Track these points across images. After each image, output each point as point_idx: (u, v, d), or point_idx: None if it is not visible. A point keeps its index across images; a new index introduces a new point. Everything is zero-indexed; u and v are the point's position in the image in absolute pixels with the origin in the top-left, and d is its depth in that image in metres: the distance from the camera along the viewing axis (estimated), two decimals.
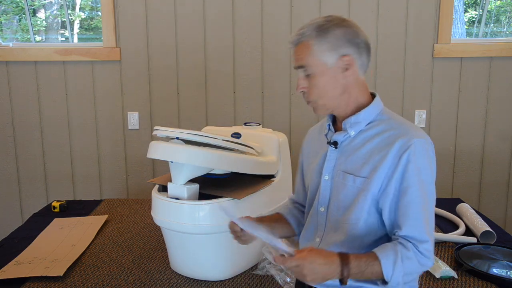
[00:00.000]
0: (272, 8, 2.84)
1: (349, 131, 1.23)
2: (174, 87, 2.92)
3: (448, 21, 2.83)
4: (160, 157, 1.58)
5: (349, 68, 1.16)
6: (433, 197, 1.16)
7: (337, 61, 1.16)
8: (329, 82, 1.18)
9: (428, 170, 1.14)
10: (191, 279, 1.67)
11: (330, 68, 1.16)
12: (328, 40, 1.14)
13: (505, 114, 2.96)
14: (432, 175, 1.15)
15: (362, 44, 1.17)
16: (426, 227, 1.12)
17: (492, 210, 3.03)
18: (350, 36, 1.15)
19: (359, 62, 1.18)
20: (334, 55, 1.15)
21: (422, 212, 1.12)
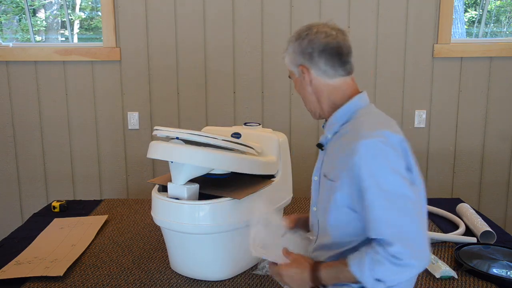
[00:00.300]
0: (272, 8, 2.84)
1: (326, 133, 1.28)
2: (174, 87, 2.93)
3: (448, 21, 2.83)
4: (160, 157, 1.59)
5: (305, 77, 1.24)
6: (398, 195, 1.08)
7: (299, 72, 1.26)
8: (301, 89, 1.30)
9: (385, 169, 1.08)
10: (191, 279, 1.67)
11: (298, 78, 1.28)
12: (289, 53, 1.28)
13: (505, 114, 2.96)
14: (392, 173, 1.08)
15: (316, 52, 1.21)
16: (389, 229, 1.07)
17: (492, 210, 3.03)
18: (302, 47, 1.23)
19: (315, 68, 1.23)
20: (295, 67, 1.27)
21: (384, 214, 1.08)
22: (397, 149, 1.11)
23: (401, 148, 1.13)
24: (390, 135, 1.11)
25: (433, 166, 3.00)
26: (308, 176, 3.24)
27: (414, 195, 1.09)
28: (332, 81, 1.24)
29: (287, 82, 2.92)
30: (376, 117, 1.22)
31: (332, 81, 1.24)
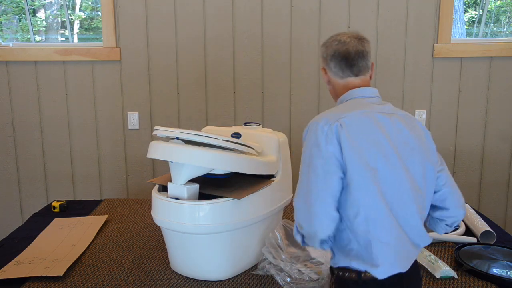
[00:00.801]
0: (272, 8, 2.84)
1: None
2: (174, 87, 2.93)
3: (448, 21, 2.83)
4: (160, 157, 1.59)
5: (325, 77, 1.49)
6: (303, 172, 1.29)
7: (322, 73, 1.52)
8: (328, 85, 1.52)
9: (307, 148, 1.29)
10: (191, 279, 1.67)
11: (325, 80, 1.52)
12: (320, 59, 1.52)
13: (505, 114, 2.96)
14: (308, 153, 1.28)
15: (329, 56, 1.44)
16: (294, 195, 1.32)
17: (492, 210, 3.03)
18: (322, 53, 1.48)
19: (330, 70, 1.45)
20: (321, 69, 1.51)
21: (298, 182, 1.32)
22: (322, 131, 1.27)
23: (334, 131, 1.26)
24: (326, 119, 1.29)
25: None
26: None
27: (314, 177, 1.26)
28: (342, 81, 1.44)
29: (287, 82, 2.92)
30: (344, 107, 1.38)
31: (343, 81, 1.44)
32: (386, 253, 1.23)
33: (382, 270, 1.23)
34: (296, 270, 1.64)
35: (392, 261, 1.24)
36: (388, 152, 1.26)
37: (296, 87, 2.93)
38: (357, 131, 1.26)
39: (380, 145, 1.26)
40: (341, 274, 1.29)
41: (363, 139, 1.25)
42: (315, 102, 2.93)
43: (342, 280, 1.30)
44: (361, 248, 1.24)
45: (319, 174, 1.24)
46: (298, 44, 2.88)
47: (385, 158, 1.25)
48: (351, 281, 1.28)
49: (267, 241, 1.75)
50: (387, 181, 1.24)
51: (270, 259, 1.68)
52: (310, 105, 2.93)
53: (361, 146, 1.24)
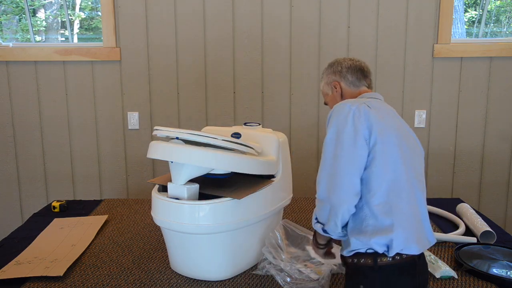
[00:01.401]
0: (272, 8, 2.84)
1: None
2: (174, 87, 2.93)
3: (448, 21, 2.83)
4: (160, 157, 1.58)
5: (337, 88, 1.59)
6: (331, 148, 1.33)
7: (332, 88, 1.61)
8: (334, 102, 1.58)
9: (333, 125, 1.35)
10: (191, 279, 1.67)
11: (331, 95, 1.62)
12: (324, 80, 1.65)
13: (505, 114, 2.96)
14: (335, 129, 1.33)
15: (344, 69, 1.58)
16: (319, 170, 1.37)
17: (492, 210, 3.03)
18: (332, 70, 1.61)
19: (345, 81, 1.57)
20: (329, 86, 1.62)
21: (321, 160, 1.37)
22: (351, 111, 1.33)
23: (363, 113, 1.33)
24: (355, 103, 1.36)
25: (433, 166, 3.00)
26: (308, 176, 3.25)
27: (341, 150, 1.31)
28: (357, 90, 1.56)
29: (287, 82, 2.92)
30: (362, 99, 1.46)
31: (358, 90, 1.56)
32: (404, 222, 1.30)
33: (401, 237, 1.28)
34: (296, 270, 1.64)
35: (408, 235, 1.30)
36: (407, 135, 1.40)
37: (296, 87, 2.93)
38: (382, 113, 1.37)
39: (401, 128, 1.39)
40: (356, 261, 1.33)
41: (388, 119, 1.37)
42: (315, 102, 2.93)
43: (357, 267, 1.33)
44: (379, 223, 1.29)
45: (345, 147, 1.30)
46: (298, 44, 2.88)
47: (405, 140, 1.38)
48: (366, 267, 1.31)
49: (267, 241, 1.75)
50: (407, 166, 1.34)
51: (270, 259, 1.68)
52: (310, 105, 2.93)
53: (387, 124, 1.34)
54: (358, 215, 1.32)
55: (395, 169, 1.31)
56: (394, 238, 1.28)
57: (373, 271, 1.30)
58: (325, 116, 2.93)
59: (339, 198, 1.30)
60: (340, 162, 1.30)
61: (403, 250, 1.29)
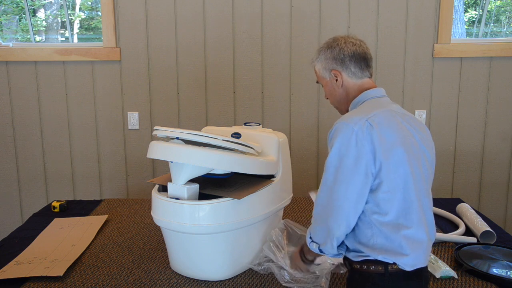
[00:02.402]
0: (272, 8, 2.84)
1: None
2: (174, 87, 2.93)
3: (448, 21, 2.83)
4: (160, 157, 1.58)
5: (338, 79, 1.47)
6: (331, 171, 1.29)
7: (330, 75, 1.49)
8: (332, 91, 1.50)
9: (335, 147, 1.28)
10: (191, 279, 1.67)
11: (328, 81, 1.50)
12: (321, 60, 1.50)
13: (505, 114, 2.96)
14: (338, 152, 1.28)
15: (347, 58, 1.45)
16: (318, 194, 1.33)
17: (492, 210, 3.03)
18: (334, 54, 1.46)
19: (347, 71, 1.46)
20: (328, 72, 1.49)
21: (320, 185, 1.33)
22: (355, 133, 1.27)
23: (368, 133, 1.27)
24: (359, 121, 1.28)
25: None
26: (308, 176, 3.25)
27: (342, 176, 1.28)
28: (359, 82, 1.47)
29: (287, 82, 2.92)
30: (366, 107, 1.38)
31: (359, 81, 1.47)
32: (414, 244, 1.28)
33: (410, 260, 1.28)
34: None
35: (419, 253, 1.29)
36: (413, 149, 1.33)
37: (296, 87, 2.92)
38: (387, 129, 1.30)
39: (407, 143, 1.32)
40: (365, 267, 1.30)
41: (393, 137, 1.30)
42: (315, 102, 2.93)
43: (366, 274, 1.31)
44: (388, 241, 1.27)
45: (347, 174, 1.26)
46: (298, 44, 2.88)
47: (412, 155, 1.31)
48: (376, 274, 1.29)
49: (268, 239, 1.75)
50: (416, 177, 1.31)
51: (271, 257, 1.68)
52: (310, 105, 2.93)
53: (392, 143, 1.28)
54: (365, 231, 1.30)
55: (405, 186, 1.28)
56: (406, 261, 1.28)
57: (384, 278, 1.29)
58: (325, 116, 2.93)
59: (337, 222, 1.29)
60: (340, 187, 1.27)
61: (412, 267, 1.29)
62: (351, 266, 1.36)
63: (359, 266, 1.32)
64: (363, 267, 1.31)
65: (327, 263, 1.66)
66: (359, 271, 1.33)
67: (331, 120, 2.92)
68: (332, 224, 1.29)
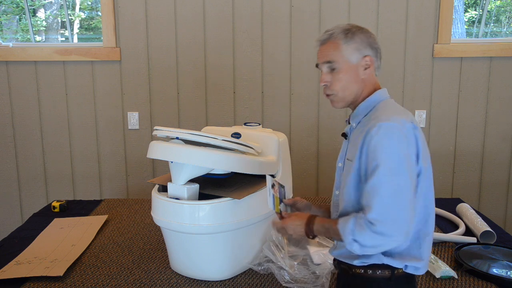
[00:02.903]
0: (272, 8, 2.84)
1: (351, 123, 1.39)
2: (174, 87, 2.93)
3: (448, 21, 2.83)
4: (160, 157, 1.59)
5: (369, 67, 1.35)
6: (395, 174, 1.20)
7: (360, 60, 1.34)
8: (351, 78, 1.34)
9: (395, 150, 1.21)
10: (191, 279, 1.67)
11: (353, 65, 1.34)
12: (355, 41, 1.33)
13: (505, 114, 2.96)
14: (397, 154, 1.20)
15: (379, 50, 1.38)
16: (377, 198, 1.18)
17: (492, 210, 3.03)
18: (371, 41, 1.36)
19: (376, 63, 1.37)
20: (358, 55, 1.33)
21: (379, 187, 1.20)
22: (408, 135, 1.23)
23: (413, 135, 1.24)
24: (405, 122, 1.23)
25: (433, 166, 2.98)
26: (308, 176, 3.25)
27: (410, 180, 1.21)
28: (376, 78, 1.39)
29: (287, 82, 2.92)
30: (394, 108, 1.33)
31: (376, 78, 1.39)
32: (429, 248, 1.31)
33: (425, 264, 1.30)
34: (296, 269, 1.65)
35: (428, 257, 1.32)
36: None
37: (296, 87, 2.92)
38: (420, 131, 1.29)
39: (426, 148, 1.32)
40: (371, 272, 1.28)
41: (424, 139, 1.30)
42: (315, 102, 2.93)
43: (372, 279, 1.29)
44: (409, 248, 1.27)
45: (405, 175, 1.20)
46: (298, 44, 2.88)
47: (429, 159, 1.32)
48: (382, 279, 1.28)
49: (268, 239, 1.75)
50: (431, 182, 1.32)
51: (271, 257, 1.68)
52: (310, 105, 2.93)
53: (425, 146, 1.30)
54: None
55: (427, 194, 1.29)
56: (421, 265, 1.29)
57: (389, 282, 1.28)
58: (325, 116, 2.93)
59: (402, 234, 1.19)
60: (404, 191, 1.19)
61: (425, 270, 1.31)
62: (351, 271, 1.31)
63: (363, 270, 1.29)
64: (368, 272, 1.29)
65: (327, 263, 1.66)
66: (361, 275, 1.30)
67: (331, 120, 2.92)
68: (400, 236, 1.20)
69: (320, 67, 1.38)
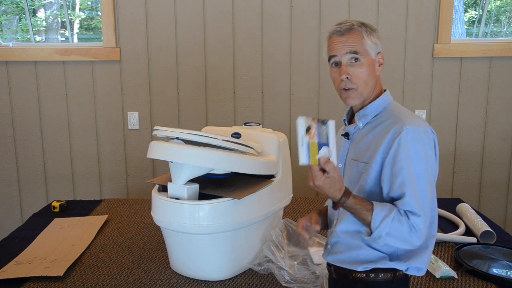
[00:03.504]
0: (272, 8, 2.84)
1: (358, 123, 1.37)
2: (174, 87, 2.93)
3: (448, 21, 2.83)
4: (160, 157, 1.59)
5: (382, 64, 1.34)
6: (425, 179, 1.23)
7: (376, 56, 1.32)
8: (371, 72, 1.31)
9: (419, 154, 1.22)
10: (191, 279, 1.67)
11: (373, 60, 1.32)
12: (374, 36, 1.32)
13: (505, 114, 2.96)
14: (424, 159, 1.23)
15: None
16: (416, 202, 1.20)
17: (492, 210, 3.03)
18: (380, 41, 1.34)
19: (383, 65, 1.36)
20: (375, 50, 1.32)
21: (412, 190, 1.21)
22: (430, 140, 1.26)
23: (433, 139, 1.28)
24: (426, 127, 1.26)
25: None
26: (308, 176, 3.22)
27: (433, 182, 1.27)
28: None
29: (287, 82, 2.92)
30: (409, 112, 1.34)
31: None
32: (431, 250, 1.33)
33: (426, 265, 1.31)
34: (296, 269, 1.65)
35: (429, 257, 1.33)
36: None
37: (296, 87, 2.92)
38: None
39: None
40: (373, 275, 1.28)
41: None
42: (315, 102, 2.93)
43: (374, 282, 1.28)
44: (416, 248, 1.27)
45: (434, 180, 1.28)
46: (298, 44, 2.88)
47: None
48: (384, 282, 1.28)
49: (268, 239, 1.75)
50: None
51: (271, 257, 1.68)
52: (310, 105, 2.93)
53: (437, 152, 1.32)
54: None
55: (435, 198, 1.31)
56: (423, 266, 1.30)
57: (391, 285, 1.28)
58: (325, 116, 2.92)
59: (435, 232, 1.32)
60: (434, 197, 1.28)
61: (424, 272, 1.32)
62: (352, 275, 1.30)
63: (365, 275, 1.28)
64: (370, 276, 1.28)
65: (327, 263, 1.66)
66: (363, 280, 1.29)
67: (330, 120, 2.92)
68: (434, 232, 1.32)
69: (340, 58, 1.30)
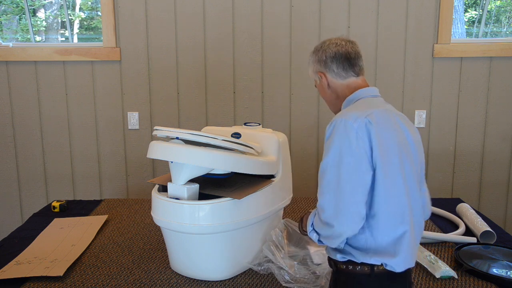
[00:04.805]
0: (272, 8, 2.84)
1: None
2: (174, 87, 2.93)
3: (448, 21, 2.83)
4: (160, 157, 1.59)
5: (323, 80, 1.48)
6: (332, 170, 1.27)
7: (318, 78, 1.50)
8: (322, 92, 1.53)
9: (335, 145, 1.28)
10: (191, 279, 1.67)
11: (319, 83, 1.52)
12: (310, 65, 1.54)
13: (505, 114, 2.96)
14: (337, 150, 1.27)
15: (328, 59, 1.46)
16: (319, 186, 1.30)
17: (492, 210, 3.03)
18: (317, 58, 1.49)
19: (330, 72, 1.46)
20: (315, 74, 1.52)
21: (319, 181, 1.31)
22: (355, 131, 1.26)
23: (366, 130, 1.27)
24: (357, 117, 1.28)
25: (433, 166, 3.00)
26: (308, 176, 3.25)
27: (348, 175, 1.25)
28: (345, 82, 1.46)
29: (287, 82, 2.92)
30: (361, 105, 1.38)
31: (345, 81, 1.46)
32: (405, 245, 1.27)
33: (400, 262, 1.27)
34: (296, 269, 1.65)
35: (407, 254, 1.28)
36: (407, 149, 1.33)
37: (296, 87, 2.93)
38: (384, 127, 1.30)
39: (402, 143, 1.32)
40: (351, 268, 1.30)
41: (389, 135, 1.30)
42: (315, 102, 2.93)
43: (353, 275, 1.30)
44: (379, 243, 1.27)
45: (350, 172, 1.24)
46: (298, 44, 2.88)
47: (406, 156, 1.31)
48: (363, 276, 1.29)
49: (268, 239, 1.75)
50: (407, 178, 1.30)
51: (270, 257, 1.68)
52: (310, 105, 2.93)
53: (388, 142, 1.28)
54: (358, 236, 1.29)
55: (398, 192, 1.27)
56: (396, 263, 1.27)
57: (369, 278, 1.28)
58: (325, 116, 2.93)
59: (345, 225, 1.25)
60: (346, 188, 1.24)
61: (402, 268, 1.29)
62: (337, 266, 1.35)
63: (345, 266, 1.31)
64: (349, 267, 1.31)
65: (327, 263, 1.66)
66: (344, 271, 1.32)
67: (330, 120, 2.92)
68: (340, 228, 1.25)
69: None
